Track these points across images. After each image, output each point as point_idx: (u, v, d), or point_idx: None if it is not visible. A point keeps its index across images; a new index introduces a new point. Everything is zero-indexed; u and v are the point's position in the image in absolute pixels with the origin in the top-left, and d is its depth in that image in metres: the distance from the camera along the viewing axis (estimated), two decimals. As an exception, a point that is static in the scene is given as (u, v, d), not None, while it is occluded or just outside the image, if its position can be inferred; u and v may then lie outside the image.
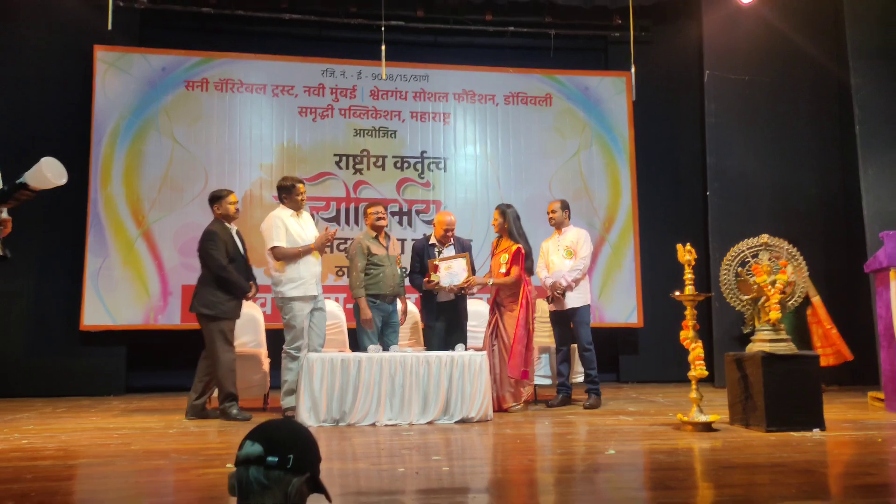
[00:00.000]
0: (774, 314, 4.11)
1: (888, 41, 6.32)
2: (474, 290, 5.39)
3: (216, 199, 4.95)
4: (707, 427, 3.93)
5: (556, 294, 5.38)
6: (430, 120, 7.90)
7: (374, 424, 4.31)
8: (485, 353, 4.67)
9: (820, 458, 3.03)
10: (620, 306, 7.86)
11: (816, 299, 6.51)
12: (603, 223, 8.01)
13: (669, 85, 8.31)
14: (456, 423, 4.38)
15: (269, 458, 1.41)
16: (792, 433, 3.77)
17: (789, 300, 4.22)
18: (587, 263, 5.51)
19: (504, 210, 5.42)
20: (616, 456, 3.19)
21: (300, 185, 5.00)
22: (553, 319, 5.55)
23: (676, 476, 2.75)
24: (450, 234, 5.44)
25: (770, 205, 7.43)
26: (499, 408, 4.97)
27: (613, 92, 8.27)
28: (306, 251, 4.84)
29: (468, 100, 8.01)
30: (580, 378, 5.68)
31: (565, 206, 5.70)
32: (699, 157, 7.97)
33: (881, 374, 4.99)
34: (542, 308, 6.11)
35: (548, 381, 5.78)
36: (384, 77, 7.34)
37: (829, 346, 6.40)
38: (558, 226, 5.63)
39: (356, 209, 7.58)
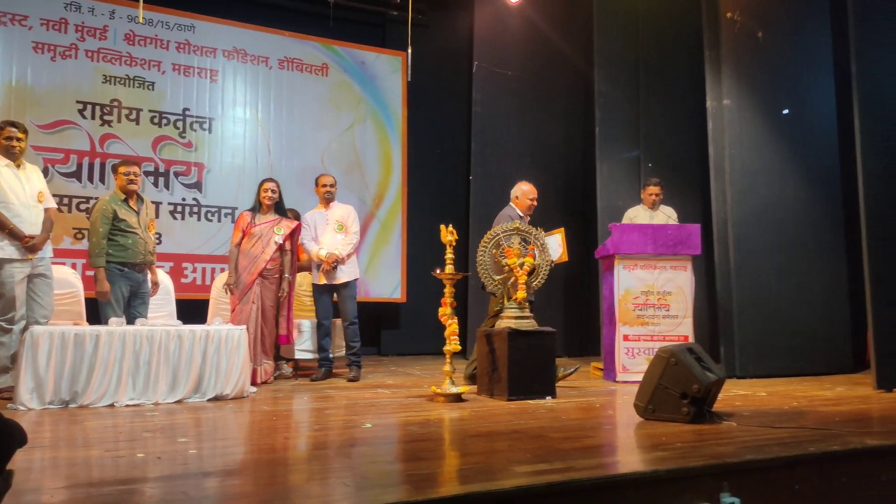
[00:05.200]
0: (521, 293, 4.49)
1: (628, 52, 7.18)
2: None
3: None
4: (458, 398, 4.18)
5: (329, 266, 5.35)
6: (194, 75, 7.32)
7: (112, 405, 3.91)
8: (244, 327, 4.47)
9: (551, 423, 3.38)
10: (385, 282, 8.06)
11: None
12: (373, 199, 8.11)
13: (442, 70, 8.63)
14: (208, 401, 4.15)
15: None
16: (529, 401, 4.17)
17: (534, 281, 4.63)
18: (358, 239, 5.59)
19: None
20: (372, 429, 3.25)
21: (9, 129, 4.29)
22: (319, 292, 5.50)
23: (427, 447, 2.88)
24: (535, 204, 5.28)
25: (524, 192, 8.09)
26: (257, 382, 4.85)
27: (389, 70, 8.37)
28: (15, 235, 4.22)
29: (239, 58, 7.56)
30: (342, 352, 5.73)
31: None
32: (465, 143, 8.41)
33: (602, 347, 5.73)
34: (307, 281, 6.03)
35: (310, 356, 5.73)
36: (141, 21, 6.61)
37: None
38: (329, 200, 5.61)
39: (102, 165, 6.79)
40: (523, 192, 5.32)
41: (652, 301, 5.48)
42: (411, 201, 8.31)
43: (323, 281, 5.44)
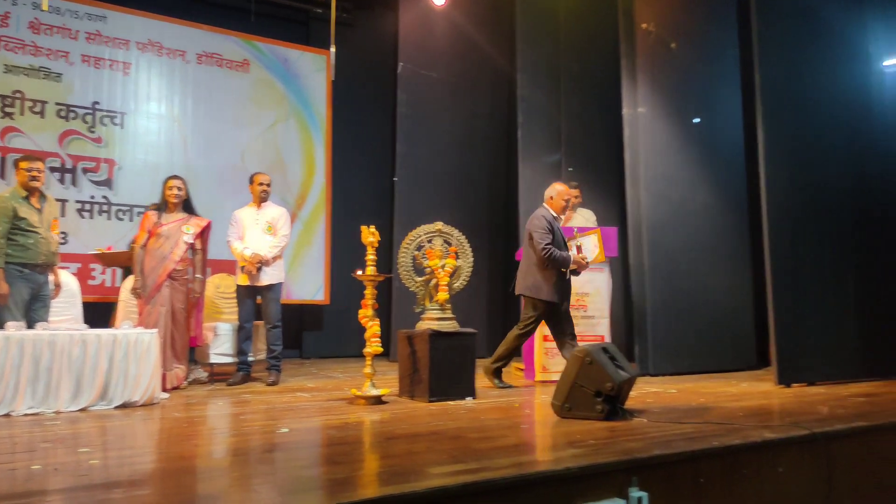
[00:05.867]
0: (443, 295, 4.51)
1: (550, 57, 7.34)
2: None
3: None
4: (378, 400, 4.15)
5: (253, 268, 5.21)
6: (105, 67, 7.01)
7: (8, 415, 3.67)
8: (154, 331, 4.30)
9: (470, 424, 3.41)
10: (308, 283, 7.94)
11: None
12: (296, 199, 7.97)
13: (368, 70, 8.58)
14: (115, 408, 3.96)
15: None
16: (449, 402, 4.19)
17: (455, 283, 4.66)
18: (287, 242, 5.49)
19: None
20: (289, 434, 3.19)
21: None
22: (242, 294, 5.35)
23: (345, 451, 2.85)
24: (572, 203, 5.13)
25: (448, 195, 8.14)
26: (167, 387, 4.68)
27: (313, 68, 8.26)
28: None
29: (154, 52, 7.28)
30: (263, 356, 5.60)
31: None
32: (390, 144, 8.38)
33: (523, 347, 5.81)
34: (225, 283, 5.87)
35: (227, 360, 5.56)
36: (46, 8, 6.27)
37: None
38: (264, 200, 5.48)
39: (2, 160, 6.39)
40: (558, 192, 5.12)
41: (571, 302, 5.60)
42: (335, 202, 8.22)
43: (246, 282, 5.29)
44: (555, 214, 5.07)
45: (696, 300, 6.24)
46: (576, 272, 5.02)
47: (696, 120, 6.54)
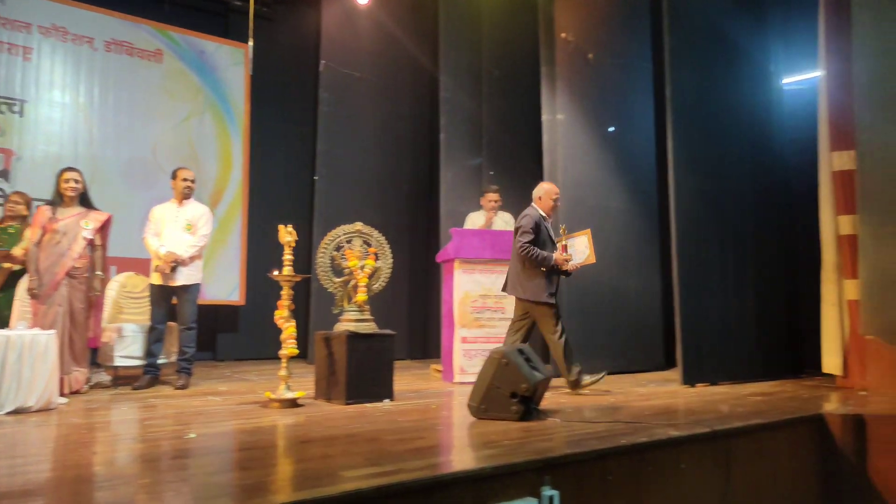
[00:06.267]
0: (361, 296, 4.47)
1: (473, 61, 7.41)
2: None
3: None
4: (293, 403, 4.06)
5: (167, 267, 4.99)
6: (4, 52, 6.56)
7: None
8: (53, 332, 4.05)
9: (387, 426, 3.39)
10: (223, 283, 7.70)
11: None
12: (211, 196, 7.72)
13: (288, 66, 8.41)
14: (7, 414, 3.70)
15: None
16: (367, 404, 4.15)
17: (375, 284, 4.62)
18: (207, 242, 5.29)
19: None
20: (198, 439, 3.07)
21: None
22: (156, 294, 5.12)
23: (256, 455, 2.77)
24: (558, 205, 5.11)
25: (369, 195, 8.08)
26: (65, 392, 4.42)
27: (231, 62, 8.03)
28: None
29: (58, 37, 6.89)
30: (174, 357, 5.38)
31: None
32: (311, 142, 8.24)
33: (442, 349, 5.84)
34: (132, 283, 5.61)
35: (134, 362, 5.31)
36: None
37: None
38: (187, 197, 5.25)
39: None
40: (546, 191, 5.00)
41: (489, 304, 5.68)
42: (252, 200, 8.01)
43: (159, 282, 5.07)
44: (543, 214, 4.98)
45: (609, 303, 6.44)
46: (566, 273, 4.97)
47: (612, 129, 6.76)
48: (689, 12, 5.69)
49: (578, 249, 4.96)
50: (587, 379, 4.85)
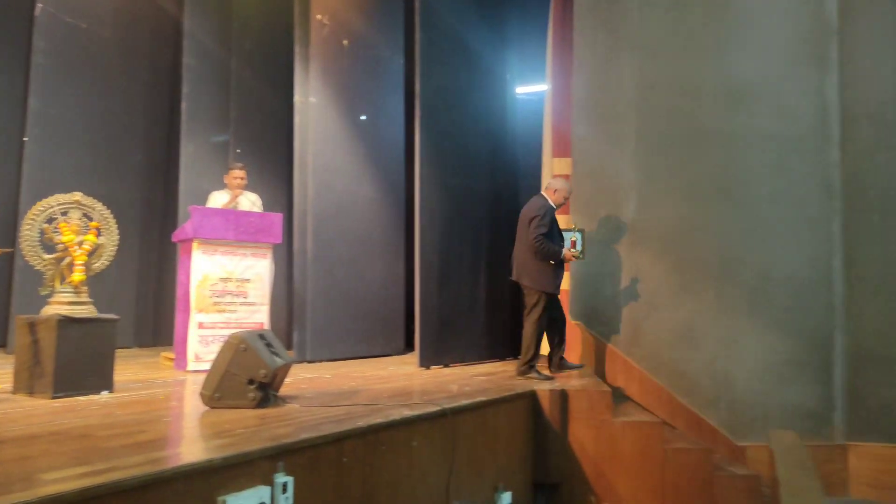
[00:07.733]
0: (78, 276, 3.96)
1: (222, 30, 6.98)
2: None
3: None
4: (-18, 400, 3.46)
5: None
6: None
7: None
8: None
9: (101, 420, 3.04)
10: None
11: None
12: None
13: (-6, 4, 7.10)
14: None
15: None
16: (80, 398, 3.69)
17: (96, 263, 4.12)
18: None
19: None
20: None
21: None
22: None
23: (-76, 463, 2.30)
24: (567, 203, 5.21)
25: (94, 163, 7.18)
26: None
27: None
28: None
29: None
30: None
31: None
32: (21, 97, 7.05)
33: (175, 335, 5.43)
34: None
35: None
36: None
37: None
38: None
39: None
40: (562, 187, 5.11)
41: (230, 288, 5.40)
42: (-63, 158, 6.63)
43: None
44: (553, 205, 5.03)
45: (354, 289, 6.53)
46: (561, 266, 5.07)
47: (363, 117, 6.85)
48: (440, 14, 5.97)
49: (567, 245, 5.18)
50: (543, 376, 4.94)
